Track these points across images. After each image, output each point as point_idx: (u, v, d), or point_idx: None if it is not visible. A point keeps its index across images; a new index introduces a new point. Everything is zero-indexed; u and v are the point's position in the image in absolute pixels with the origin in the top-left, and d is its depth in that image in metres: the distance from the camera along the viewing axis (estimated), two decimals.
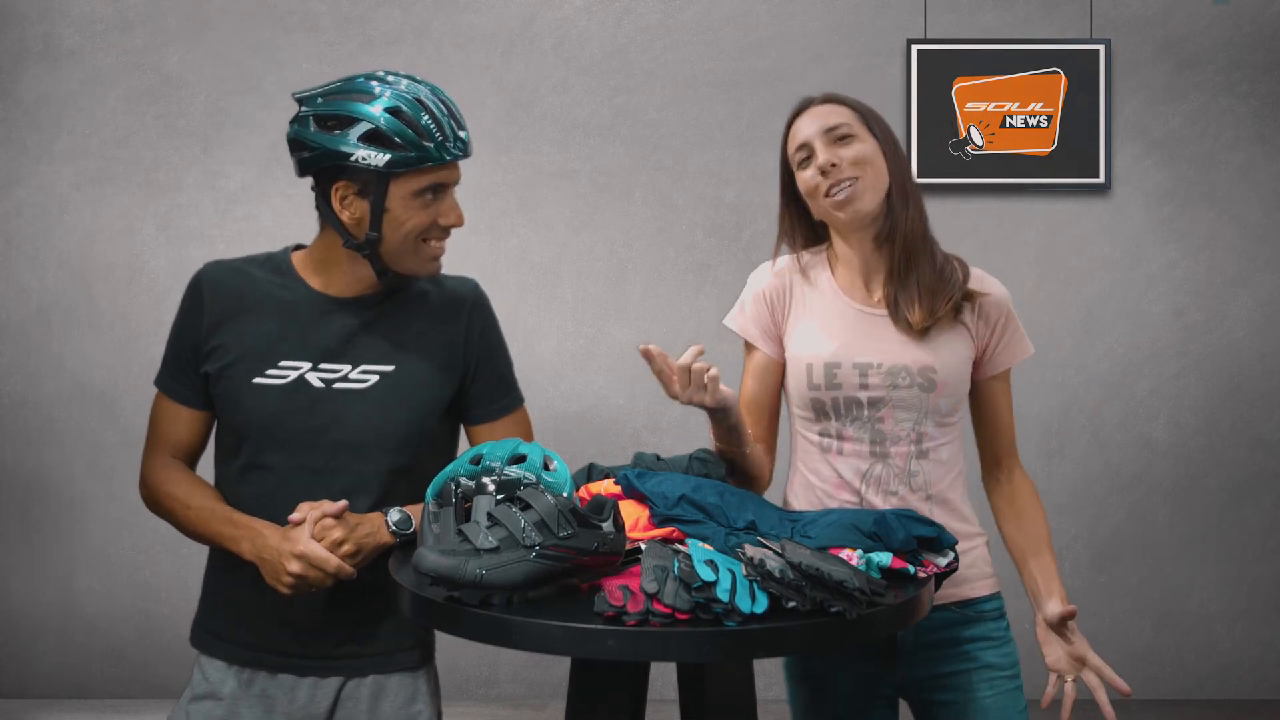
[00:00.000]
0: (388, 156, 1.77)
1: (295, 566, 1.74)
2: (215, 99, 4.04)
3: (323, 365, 1.87)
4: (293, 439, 1.85)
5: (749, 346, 2.03)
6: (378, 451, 1.86)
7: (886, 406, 1.89)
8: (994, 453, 2.02)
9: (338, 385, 1.86)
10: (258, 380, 1.86)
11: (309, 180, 1.89)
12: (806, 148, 1.91)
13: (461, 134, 1.83)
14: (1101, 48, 4.00)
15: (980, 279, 1.97)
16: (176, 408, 1.93)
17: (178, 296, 1.95)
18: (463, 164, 1.91)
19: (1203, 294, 4.09)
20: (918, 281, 1.91)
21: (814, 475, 1.96)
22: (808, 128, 1.92)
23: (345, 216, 1.83)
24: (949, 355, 1.91)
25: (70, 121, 4.04)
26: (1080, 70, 4.01)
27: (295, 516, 1.79)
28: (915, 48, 4.00)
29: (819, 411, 1.93)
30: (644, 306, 4.07)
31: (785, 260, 2.02)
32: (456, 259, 2.10)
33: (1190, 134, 4.07)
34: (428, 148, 1.78)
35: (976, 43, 4.02)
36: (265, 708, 1.90)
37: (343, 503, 1.80)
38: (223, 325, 1.89)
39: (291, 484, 1.84)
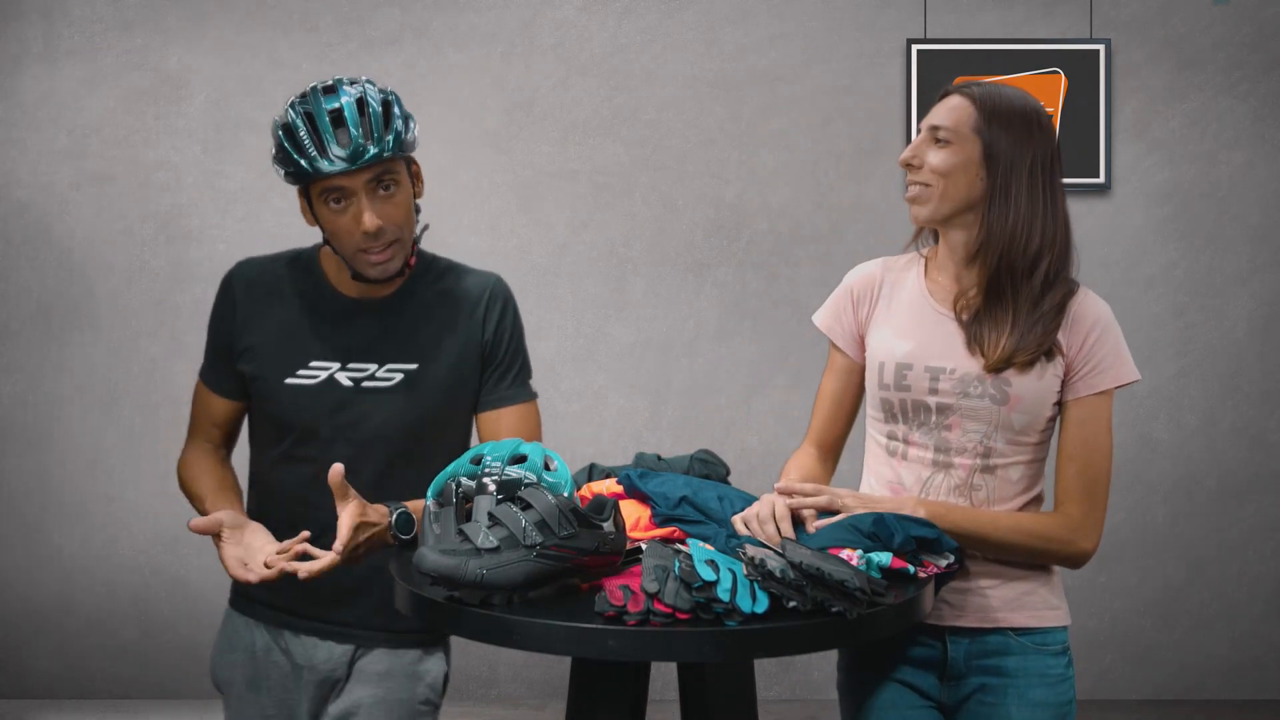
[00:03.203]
0: (282, 172, 1.88)
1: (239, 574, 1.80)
2: (215, 99, 4.03)
3: (351, 365, 1.95)
4: (326, 435, 1.94)
5: (832, 344, 1.99)
6: (405, 444, 1.95)
7: (955, 414, 1.83)
8: (1061, 487, 1.84)
9: (366, 384, 1.95)
10: (290, 381, 1.95)
11: None
12: (920, 131, 1.87)
13: (338, 150, 1.80)
14: (1101, 48, 4.00)
15: (1081, 300, 1.85)
16: (212, 396, 2.04)
17: (178, 296, 1.97)
18: (462, 163, 1.92)
19: (1203, 294, 4.08)
20: (1009, 315, 1.80)
21: (875, 477, 1.92)
22: (932, 115, 1.85)
23: (306, 219, 1.94)
24: (1030, 370, 1.81)
25: (70, 121, 4.04)
26: (1080, 70, 4.01)
27: (277, 557, 1.81)
28: (915, 48, 4.00)
29: (888, 413, 1.89)
30: (644, 306, 4.07)
31: (882, 259, 1.98)
32: (456, 259, 2.11)
33: (1190, 134, 4.06)
34: (302, 165, 1.83)
35: (976, 43, 4.01)
36: (290, 663, 2.02)
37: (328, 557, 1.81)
38: (251, 324, 1.97)
39: (325, 475, 1.89)
